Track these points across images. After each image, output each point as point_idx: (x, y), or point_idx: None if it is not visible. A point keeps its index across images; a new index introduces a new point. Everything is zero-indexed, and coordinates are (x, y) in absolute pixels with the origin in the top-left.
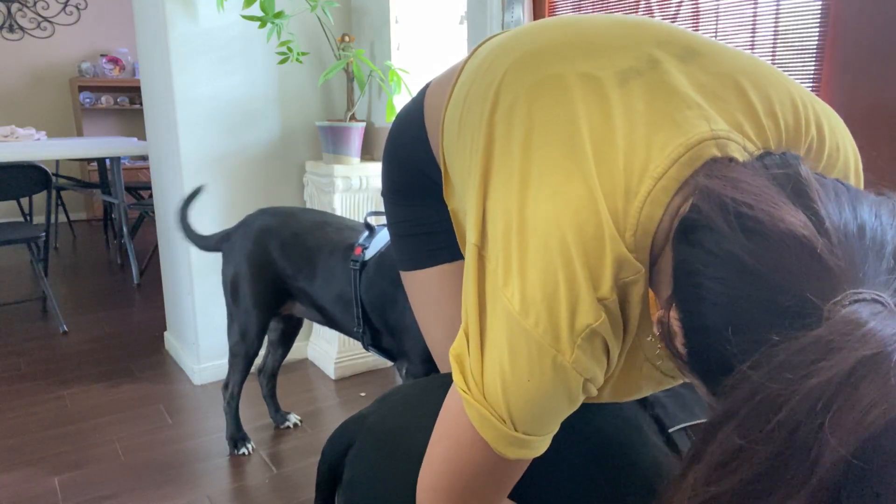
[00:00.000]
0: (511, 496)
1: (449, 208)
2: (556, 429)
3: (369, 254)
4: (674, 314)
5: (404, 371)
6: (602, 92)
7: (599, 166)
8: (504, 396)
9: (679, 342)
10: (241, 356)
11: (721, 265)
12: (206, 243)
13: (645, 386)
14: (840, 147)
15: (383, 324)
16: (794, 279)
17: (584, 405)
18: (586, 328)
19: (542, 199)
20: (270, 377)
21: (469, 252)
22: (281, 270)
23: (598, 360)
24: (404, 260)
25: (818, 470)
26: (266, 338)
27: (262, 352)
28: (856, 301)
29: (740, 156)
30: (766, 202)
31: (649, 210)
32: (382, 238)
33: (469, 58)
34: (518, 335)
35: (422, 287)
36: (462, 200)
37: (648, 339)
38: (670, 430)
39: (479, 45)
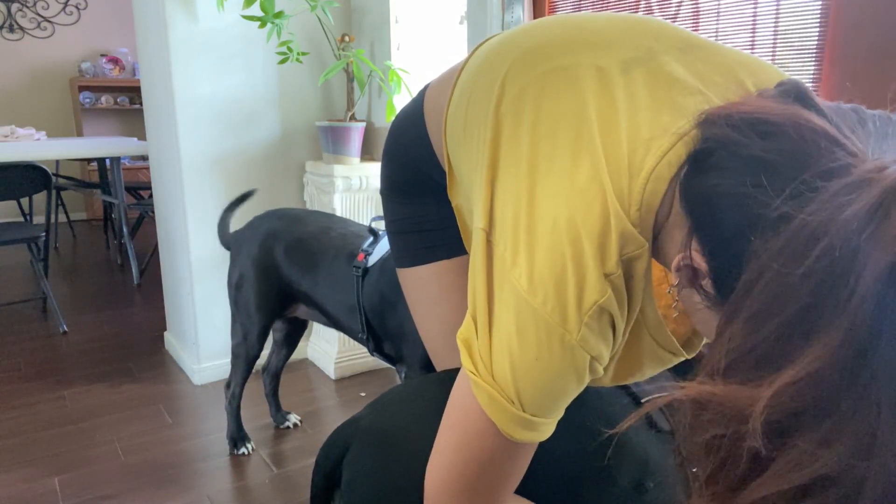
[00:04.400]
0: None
1: (453, 204)
2: (561, 412)
3: (372, 260)
4: (695, 247)
5: (403, 375)
6: (608, 81)
7: (605, 148)
8: (513, 377)
9: (704, 277)
10: (243, 358)
11: (743, 171)
12: (224, 240)
13: (647, 365)
14: None
15: (382, 329)
16: (818, 159)
17: None
18: (593, 305)
19: (550, 181)
20: (273, 376)
21: (476, 237)
22: (286, 275)
23: (604, 338)
24: (401, 257)
25: (858, 291)
26: (271, 337)
27: (265, 351)
28: (877, 160)
29: None
30: (774, 108)
31: (653, 186)
32: (386, 244)
33: (469, 58)
34: (526, 315)
35: (418, 284)
36: (468, 196)
37: (668, 291)
38: (642, 401)
39: (478, 46)
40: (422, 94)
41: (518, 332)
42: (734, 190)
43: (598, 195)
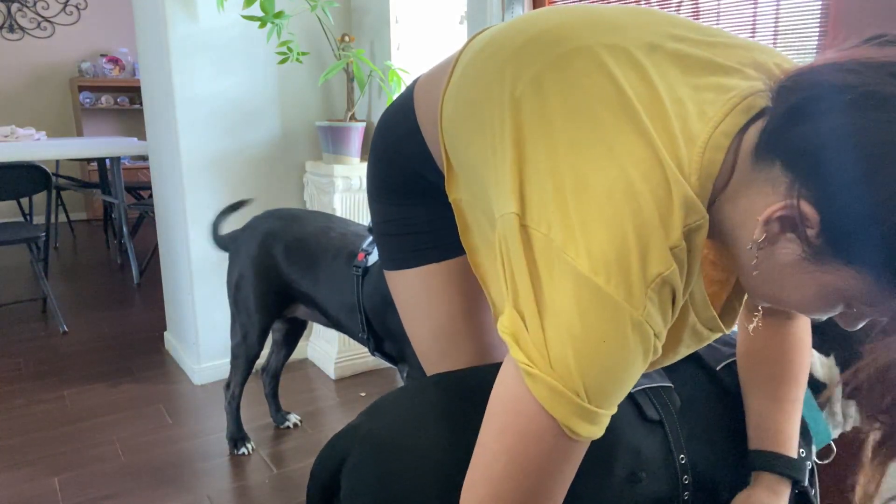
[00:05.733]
0: None
1: (451, 199)
2: (615, 406)
3: (372, 259)
4: (804, 194)
5: (405, 374)
6: (633, 58)
7: (652, 120)
8: (577, 365)
9: (811, 227)
10: (242, 358)
11: (864, 109)
12: (220, 241)
13: (684, 344)
14: None
15: (384, 329)
16: None
17: None
18: (657, 277)
19: (598, 156)
20: (273, 377)
21: (507, 223)
22: (285, 275)
23: (664, 315)
24: (390, 259)
25: None
26: (270, 337)
27: (265, 351)
28: None
29: None
30: (879, 50)
31: (711, 155)
32: None
33: (462, 51)
34: (589, 295)
35: (407, 287)
36: (472, 186)
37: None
38: (632, 391)
39: (471, 39)
40: (410, 90)
41: (580, 315)
42: (864, 130)
43: (654, 164)
